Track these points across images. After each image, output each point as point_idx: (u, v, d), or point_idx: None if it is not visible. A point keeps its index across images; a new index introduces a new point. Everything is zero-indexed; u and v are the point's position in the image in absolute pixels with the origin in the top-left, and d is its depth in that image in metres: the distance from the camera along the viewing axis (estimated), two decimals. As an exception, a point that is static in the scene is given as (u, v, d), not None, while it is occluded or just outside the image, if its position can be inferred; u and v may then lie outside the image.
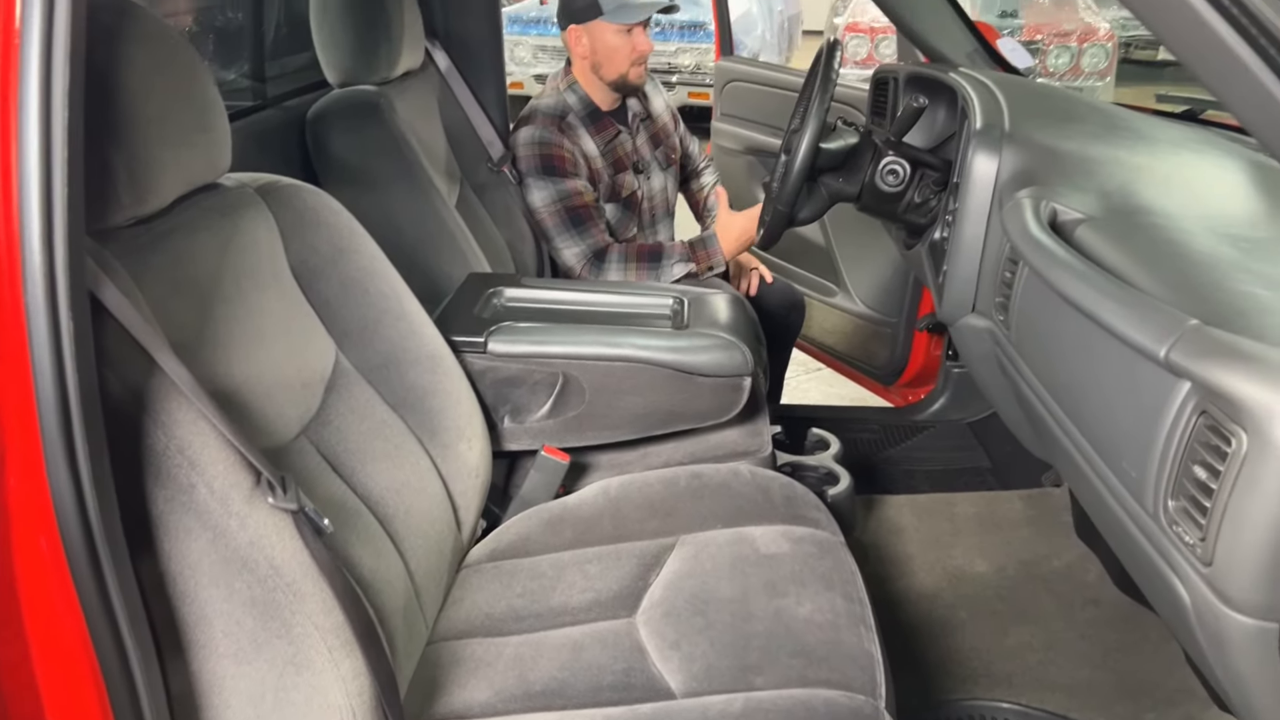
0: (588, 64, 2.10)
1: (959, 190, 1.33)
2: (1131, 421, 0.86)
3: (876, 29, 7.50)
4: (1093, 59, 7.31)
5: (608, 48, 2.06)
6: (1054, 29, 7.46)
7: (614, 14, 2.02)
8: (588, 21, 2.05)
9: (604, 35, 2.05)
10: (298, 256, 1.18)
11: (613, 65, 2.08)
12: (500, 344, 1.39)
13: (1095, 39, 7.34)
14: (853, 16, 8.05)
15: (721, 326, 1.46)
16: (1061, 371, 1.05)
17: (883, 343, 2.55)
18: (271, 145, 1.62)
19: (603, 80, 2.11)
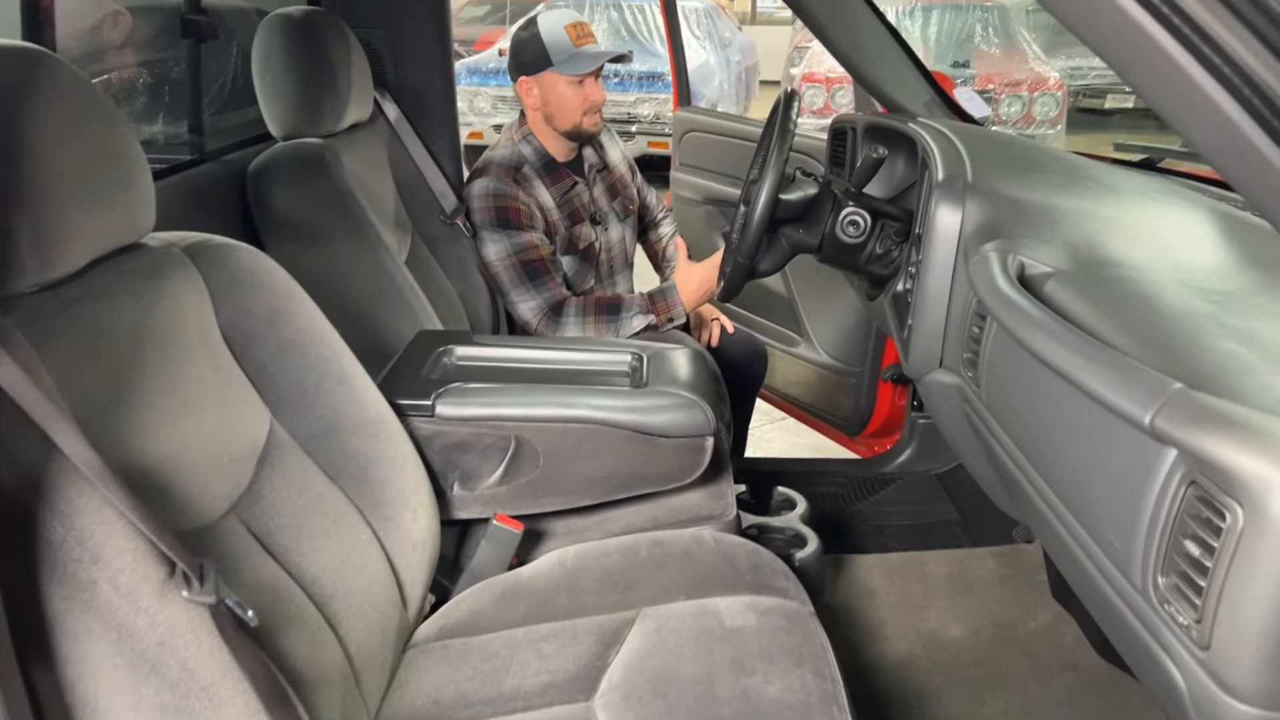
0: (540, 115, 2.06)
1: (922, 243, 1.29)
2: (1113, 489, 0.81)
3: (832, 79, 7.61)
4: (1044, 108, 7.45)
5: (559, 98, 2.02)
6: (1005, 78, 7.62)
7: (563, 65, 1.99)
8: (538, 73, 2.02)
9: (555, 86, 2.02)
10: (230, 320, 1.11)
11: (565, 116, 2.04)
12: (448, 406, 1.32)
13: (1046, 88, 7.49)
14: (809, 67, 8.16)
15: (682, 384, 1.40)
16: (1035, 432, 1.00)
17: (847, 393, 2.51)
18: (210, 201, 1.56)
19: (556, 131, 2.07)
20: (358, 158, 1.78)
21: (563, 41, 1.98)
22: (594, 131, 2.10)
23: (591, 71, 2.01)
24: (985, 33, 8.85)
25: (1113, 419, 0.78)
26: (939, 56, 8.01)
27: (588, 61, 2.00)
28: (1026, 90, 7.54)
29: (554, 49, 1.99)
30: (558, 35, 1.99)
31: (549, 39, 1.99)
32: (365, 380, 1.22)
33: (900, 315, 1.49)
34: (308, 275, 1.60)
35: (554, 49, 1.99)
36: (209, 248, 1.11)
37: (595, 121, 2.08)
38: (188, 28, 1.46)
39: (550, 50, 1.99)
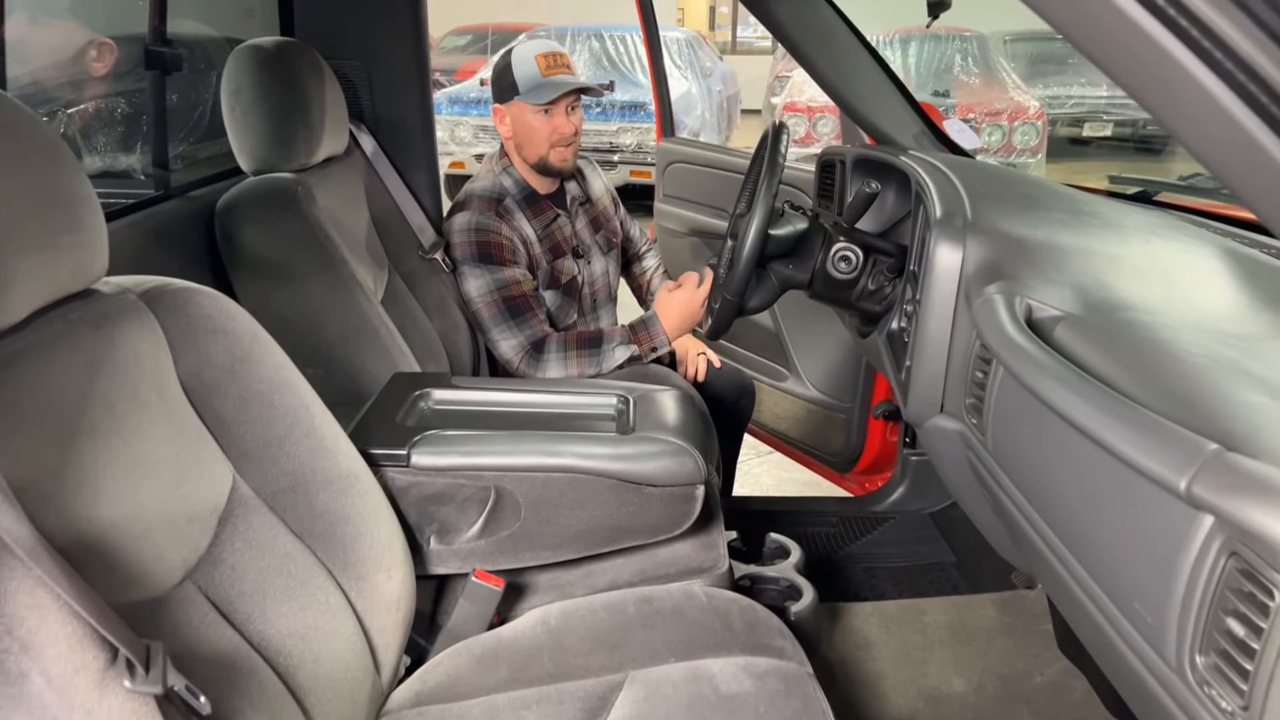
0: (511, 145, 2.02)
1: (921, 283, 1.24)
2: (1142, 557, 0.75)
3: (814, 108, 7.63)
4: (1024, 136, 7.49)
5: (527, 129, 1.98)
6: (985, 108, 7.66)
7: (529, 94, 1.95)
8: (508, 102, 1.98)
9: (523, 115, 1.97)
10: (189, 370, 1.04)
11: (532, 146, 1.99)
12: (425, 456, 1.25)
13: (1026, 117, 7.54)
14: (790, 96, 8.19)
15: (670, 429, 1.34)
16: (1049, 487, 0.94)
17: (836, 429, 2.45)
18: (174, 240, 1.49)
19: (526, 161, 2.03)
20: (332, 192, 1.71)
21: (531, 71, 1.94)
22: (561, 167, 2.02)
23: (555, 100, 1.94)
24: (965, 62, 8.92)
25: (1140, 480, 0.73)
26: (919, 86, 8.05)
27: (549, 90, 1.94)
28: (1007, 119, 7.58)
29: (522, 78, 1.95)
30: (527, 64, 1.95)
31: (519, 68, 1.95)
32: (335, 431, 1.15)
33: (897, 355, 1.43)
34: (278, 316, 1.53)
35: (522, 78, 1.95)
36: (167, 293, 1.04)
37: (564, 156, 2.01)
38: (152, 59, 1.40)
39: (519, 79, 1.95)
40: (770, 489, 3.09)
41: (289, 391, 1.12)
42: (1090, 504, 0.84)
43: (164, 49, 1.41)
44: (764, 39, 16.99)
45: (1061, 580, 0.94)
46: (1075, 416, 0.80)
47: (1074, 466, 0.86)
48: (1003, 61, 9.07)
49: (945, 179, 1.41)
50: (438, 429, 1.32)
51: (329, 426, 1.15)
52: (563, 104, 1.96)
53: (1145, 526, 0.74)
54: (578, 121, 1.99)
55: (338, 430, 1.16)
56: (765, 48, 16.47)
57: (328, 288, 1.52)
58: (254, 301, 1.52)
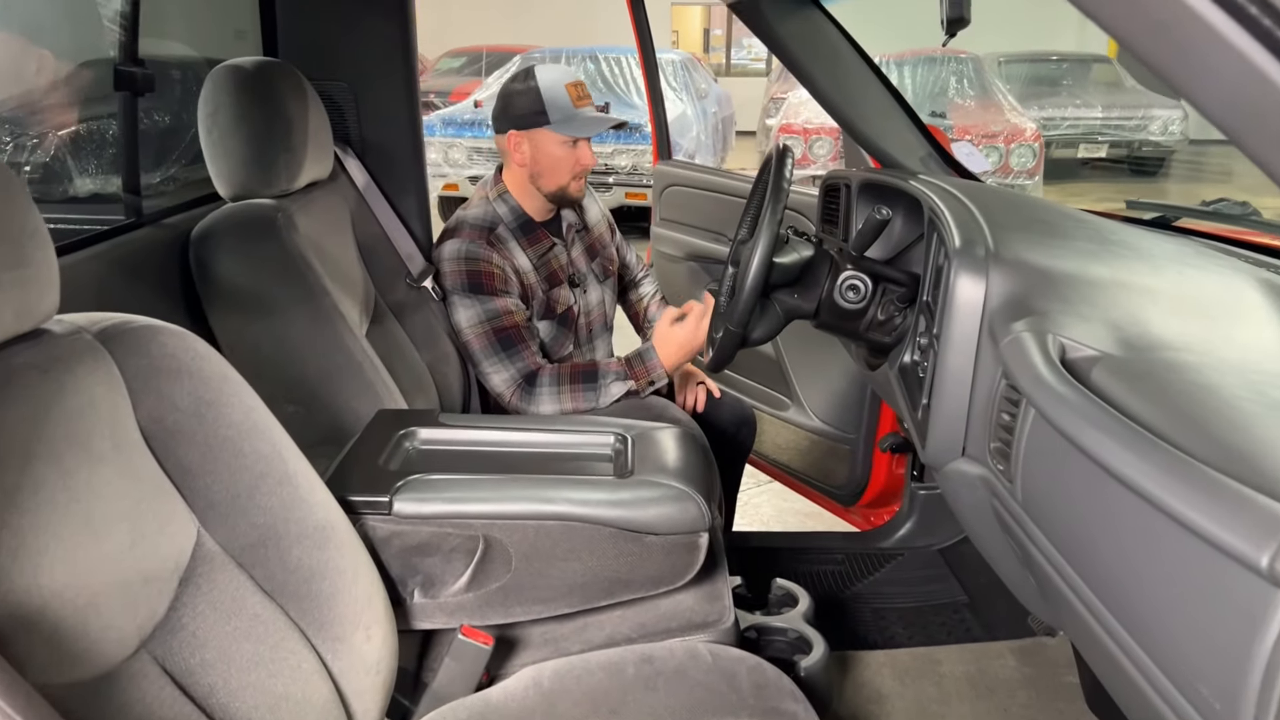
0: (525, 172, 1.94)
1: (939, 317, 1.16)
2: (1206, 635, 0.66)
3: (810, 129, 7.60)
4: (1020, 158, 7.47)
5: (550, 158, 1.90)
6: (981, 130, 7.64)
7: (562, 125, 1.87)
8: (531, 129, 1.90)
9: (547, 145, 1.90)
10: (150, 415, 0.95)
11: (554, 177, 1.92)
12: (408, 503, 1.17)
13: (1023, 139, 7.51)
14: (786, 118, 8.17)
15: (671, 471, 1.25)
16: (1090, 547, 0.86)
17: (841, 460, 2.37)
18: (145, 270, 1.41)
19: (540, 191, 1.95)
20: (315, 219, 1.63)
21: (563, 100, 1.88)
22: (578, 197, 1.99)
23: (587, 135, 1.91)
24: (960, 85, 8.92)
25: (1205, 549, 0.64)
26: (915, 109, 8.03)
27: (589, 125, 1.90)
28: (1003, 141, 7.56)
29: (552, 106, 1.87)
30: (558, 92, 1.88)
31: (548, 95, 1.87)
32: (311, 478, 1.07)
33: (911, 392, 1.35)
34: (255, 351, 1.45)
35: (552, 106, 1.87)
36: (126, 331, 0.96)
37: (580, 187, 1.97)
38: (121, 80, 1.32)
39: (549, 107, 1.87)
40: (771, 520, 3.00)
41: (260, 437, 1.03)
42: (1140, 568, 0.76)
43: (134, 69, 1.33)
44: (758, 61, 17.05)
45: (1097, 639, 0.86)
46: (1128, 473, 0.72)
47: (1121, 525, 0.78)
48: (998, 83, 9.07)
49: (961, 205, 1.34)
50: (423, 472, 1.23)
51: (304, 474, 1.06)
52: (586, 136, 1.92)
53: (1212, 601, 0.66)
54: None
55: (314, 478, 1.07)
56: (759, 70, 16.52)
57: (308, 320, 1.44)
58: (230, 336, 1.44)
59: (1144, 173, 10.57)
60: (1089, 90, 10.67)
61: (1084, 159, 10.38)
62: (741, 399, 2.29)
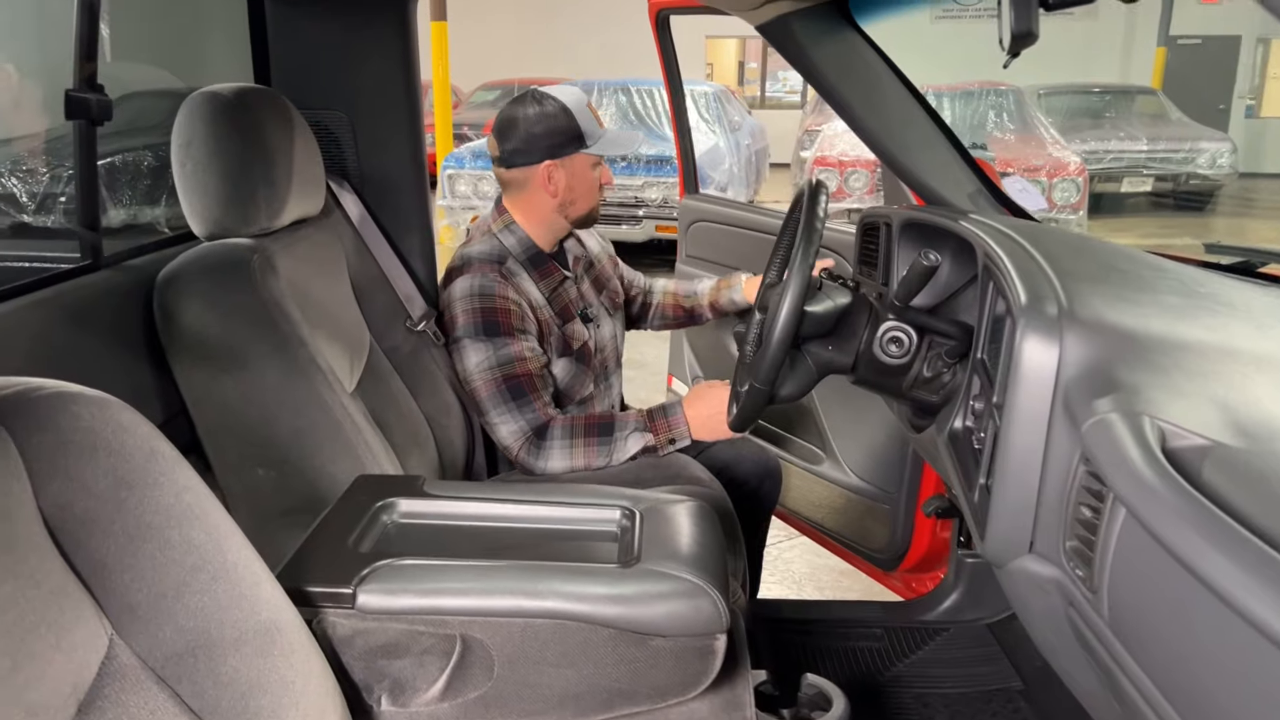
0: (555, 202, 1.80)
1: (1001, 384, 0.99)
2: None
3: (845, 162, 7.44)
4: (1064, 193, 7.25)
5: (586, 182, 1.81)
6: (1023, 164, 7.43)
7: (602, 145, 1.79)
8: (568, 155, 1.77)
9: (583, 169, 1.80)
10: (56, 501, 0.80)
11: (586, 200, 1.83)
12: (375, 595, 1.00)
13: (1066, 174, 7.30)
14: (820, 150, 8.02)
15: (684, 559, 1.08)
16: (1201, 688, 0.67)
17: (879, 521, 2.18)
18: (102, 318, 1.26)
19: (567, 218, 1.83)
20: (301, 260, 1.49)
21: (590, 119, 1.79)
22: (598, 216, 1.90)
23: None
24: (999, 118, 8.75)
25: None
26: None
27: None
28: (1046, 175, 7.35)
29: (588, 128, 1.78)
30: (586, 114, 1.79)
31: (581, 117, 1.77)
32: (256, 570, 0.90)
33: (965, 465, 1.17)
34: (224, 408, 1.30)
35: (588, 128, 1.78)
36: (29, 400, 0.81)
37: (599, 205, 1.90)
38: (74, 107, 1.19)
39: (585, 130, 1.77)
40: (804, 580, 2.80)
41: (194, 523, 0.87)
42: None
43: (89, 95, 1.20)
44: (792, 94, 16.96)
45: None
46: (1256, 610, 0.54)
47: (1242, 669, 0.60)
48: (1039, 116, 8.87)
49: (1021, 251, 1.16)
50: (399, 553, 1.07)
51: (247, 564, 0.90)
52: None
53: None
54: None
55: (259, 569, 0.91)
56: (794, 102, 16.43)
57: (281, 375, 1.28)
58: (196, 391, 1.29)
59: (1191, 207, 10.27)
60: (1133, 122, 10.44)
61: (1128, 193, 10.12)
62: (765, 448, 2.11)
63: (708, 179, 7.09)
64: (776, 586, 2.77)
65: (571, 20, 14.72)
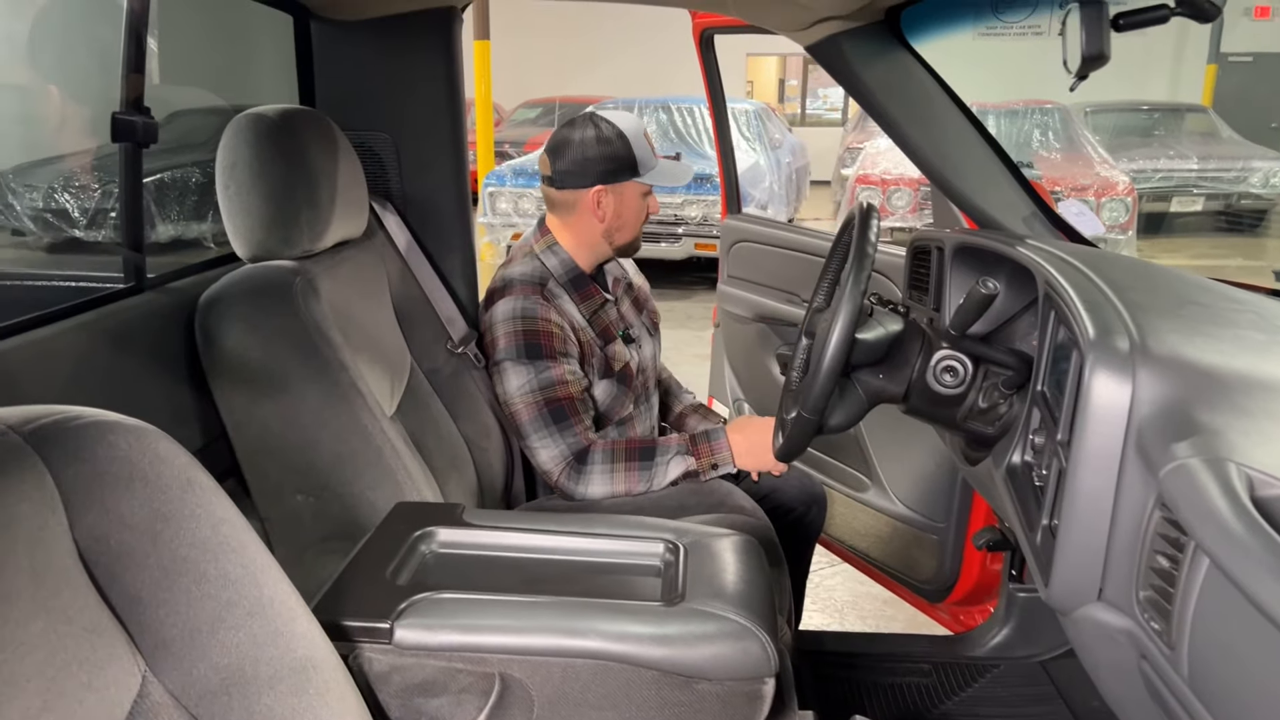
0: (602, 227, 1.79)
1: (1068, 422, 0.94)
2: None
3: (888, 180, 7.37)
4: (1112, 213, 7.11)
5: (634, 210, 1.80)
6: (1070, 183, 7.30)
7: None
8: (620, 182, 1.77)
9: (632, 197, 1.79)
10: (92, 534, 0.78)
11: (631, 228, 1.82)
12: (413, 630, 0.97)
13: (1114, 193, 7.16)
14: (862, 168, 7.95)
15: (730, 597, 1.04)
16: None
17: (927, 552, 2.12)
18: (144, 340, 1.26)
19: (612, 244, 1.82)
20: (344, 282, 1.48)
21: (646, 150, 1.78)
22: (640, 245, 1.88)
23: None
24: (1045, 137, 8.62)
25: None
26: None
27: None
28: (1093, 195, 7.21)
29: (643, 156, 1.77)
30: (642, 142, 1.78)
31: (638, 145, 1.77)
32: (293, 604, 0.88)
33: (1024, 503, 1.12)
34: (265, 433, 1.29)
35: (643, 156, 1.77)
36: (67, 430, 0.79)
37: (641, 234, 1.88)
38: (120, 130, 1.19)
39: (640, 158, 1.76)
40: (846, 608, 2.74)
41: (230, 557, 0.85)
42: None
43: (136, 118, 1.20)
44: (833, 111, 16.88)
45: None
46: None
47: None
48: (1086, 134, 8.73)
49: (1084, 280, 1.12)
50: (437, 585, 1.04)
51: (283, 600, 0.88)
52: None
53: None
54: None
55: (295, 604, 0.89)
56: (835, 119, 16.36)
57: (321, 399, 1.27)
58: (237, 414, 1.28)
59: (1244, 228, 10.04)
60: (1183, 141, 10.23)
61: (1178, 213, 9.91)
62: (811, 474, 2.06)
63: (748, 197, 7.06)
64: (818, 615, 2.71)
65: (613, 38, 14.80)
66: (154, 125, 1.24)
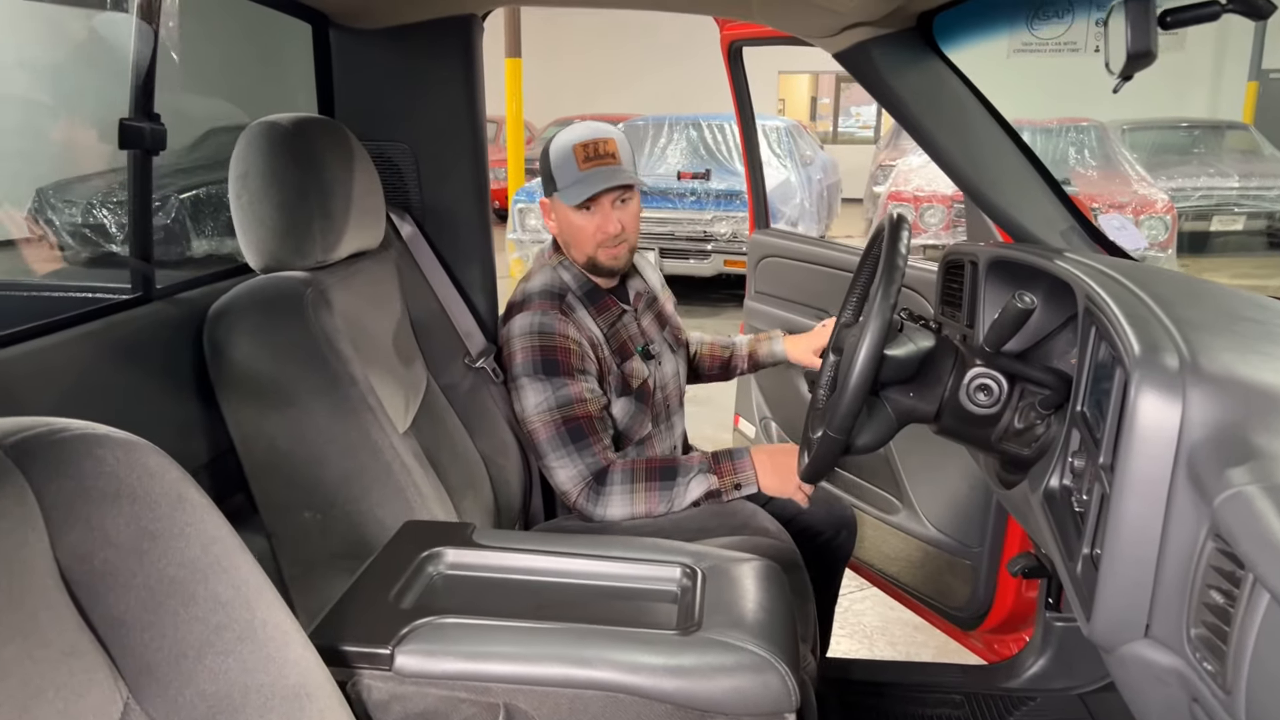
0: (563, 241, 1.74)
1: (1113, 446, 0.88)
2: None
3: (921, 197, 7.28)
4: (1151, 231, 6.97)
5: (571, 227, 1.70)
6: (1107, 200, 7.17)
7: (565, 192, 1.67)
8: (549, 196, 1.72)
9: (564, 213, 1.70)
10: (75, 552, 0.74)
11: (578, 246, 1.71)
12: (414, 656, 0.93)
13: (1153, 211, 7.02)
14: (895, 185, 7.86)
15: (749, 626, 0.98)
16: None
17: (959, 577, 2.04)
18: (149, 351, 1.23)
19: (578, 262, 1.75)
20: (358, 293, 1.45)
21: (568, 163, 1.66)
22: (613, 266, 1.74)
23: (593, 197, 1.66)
24: (1081, 155, 8.49)
25: None
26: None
27: (583, 187, 1.65)
28: (1131, 213, 7.08)
29: (558, 172, 1.68)
30: (564, 156, 1.66)
31: (555, 160, 1.68)
32: (286, 628, 0.84)
33: (1063, 530, 1.06)
34: (272, 448, 1.25)
35: (558, 172, 1.68)
36: (51, 443, 0.76)
37: (614, 255, 1.72)
38: (128, 136, 1.16)
39: (555, 173, 1.68)
40: (875, 635, 2.66)
41: (221, 578, 0.81)
42: None
43: (144, 124, 1.17)
44: (865, 129, 16.79)
45: None
46: None
47: None
48: (1124, 152, 8.59)
49: (1128, 294, 1.05)
50: (442, 609, 1.00)
51: (277, 624, 0.83)
52: (605, 200, 1.67)
53: None
54: (628, 218, 1.70)
55: (289, 627, 0.85)
56: (867, 137, 16.26)
57: (329, 413, 1.23)
58: (245, 429, 1.25)
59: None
60: (1223, 158, 10.04)
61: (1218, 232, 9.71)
62: (840, 497, 2.00)
63: (778, 213, 7.00)
64: (846, 640, 2.64)
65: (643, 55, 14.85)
66: (162, 131, 1.22)
